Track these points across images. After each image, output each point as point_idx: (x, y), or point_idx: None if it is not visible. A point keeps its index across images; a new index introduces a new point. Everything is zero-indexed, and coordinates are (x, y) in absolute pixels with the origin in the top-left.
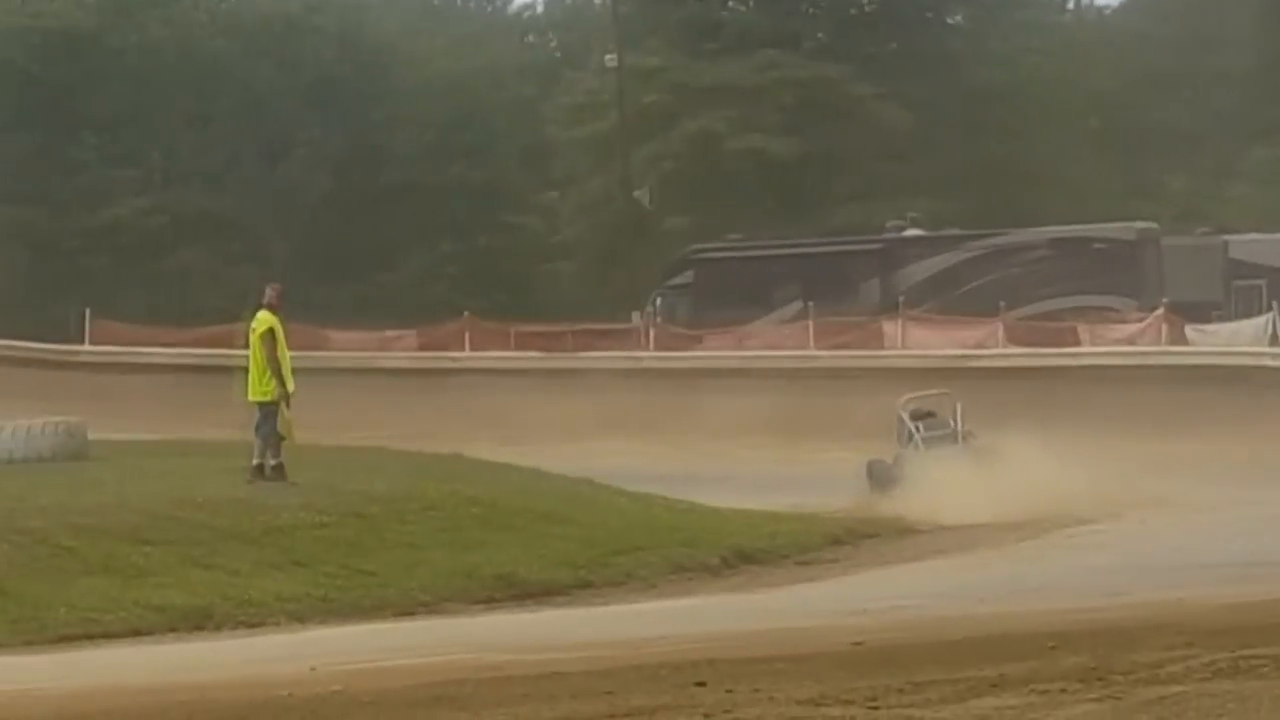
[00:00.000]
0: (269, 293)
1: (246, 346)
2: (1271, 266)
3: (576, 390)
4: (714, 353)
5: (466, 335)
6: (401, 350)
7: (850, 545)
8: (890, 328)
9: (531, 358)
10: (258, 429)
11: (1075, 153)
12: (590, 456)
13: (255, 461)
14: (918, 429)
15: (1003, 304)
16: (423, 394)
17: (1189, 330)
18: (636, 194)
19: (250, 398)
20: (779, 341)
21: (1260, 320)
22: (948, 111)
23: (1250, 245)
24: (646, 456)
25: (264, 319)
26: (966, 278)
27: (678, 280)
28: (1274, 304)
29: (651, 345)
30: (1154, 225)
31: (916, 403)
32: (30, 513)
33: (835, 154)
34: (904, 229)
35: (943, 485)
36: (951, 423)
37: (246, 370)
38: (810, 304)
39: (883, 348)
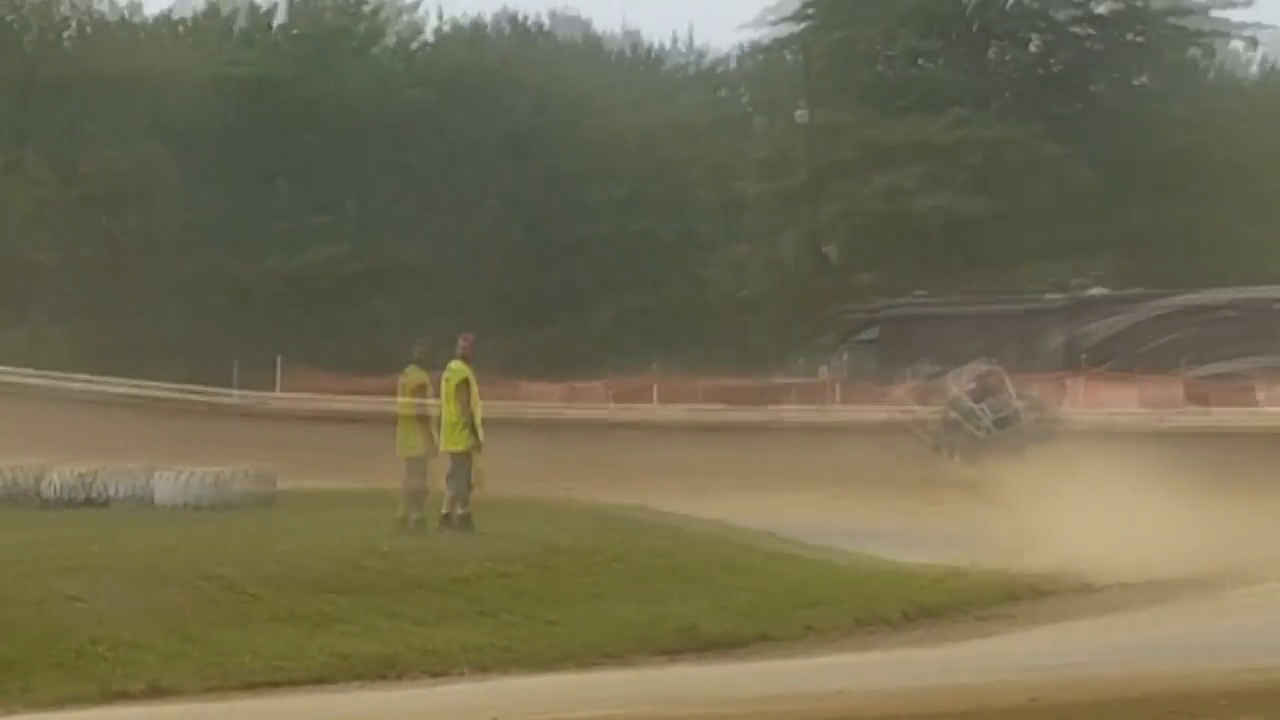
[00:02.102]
0: (461, 343)
1: (437, 395)
2: None
3: (762, 444)
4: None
5: (654, 387)
6: (590, 401)
7: (1029, 601)
8: (1072, 384)
9: (718, 410)
10: (449, 479)
11: (1256, 214)
12: (774, 510)
13: (444, 511)
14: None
15: (1183, 363)
16: (610, 446)
17: None
18: (824, 249)
19: (443, 448)
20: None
21: None
22: (1132, 171)
23: None
24: (830, 510)
25: (458, 369)
26: (1149, 336)
27: (864, 336)
28: None
29: (838, 399)
30: None
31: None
32: (218, 559)
33: (1021, 212)
34: (1088, 288)
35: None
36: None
37: (437, 420)
38: (994, 361)
39: (1063, 404)
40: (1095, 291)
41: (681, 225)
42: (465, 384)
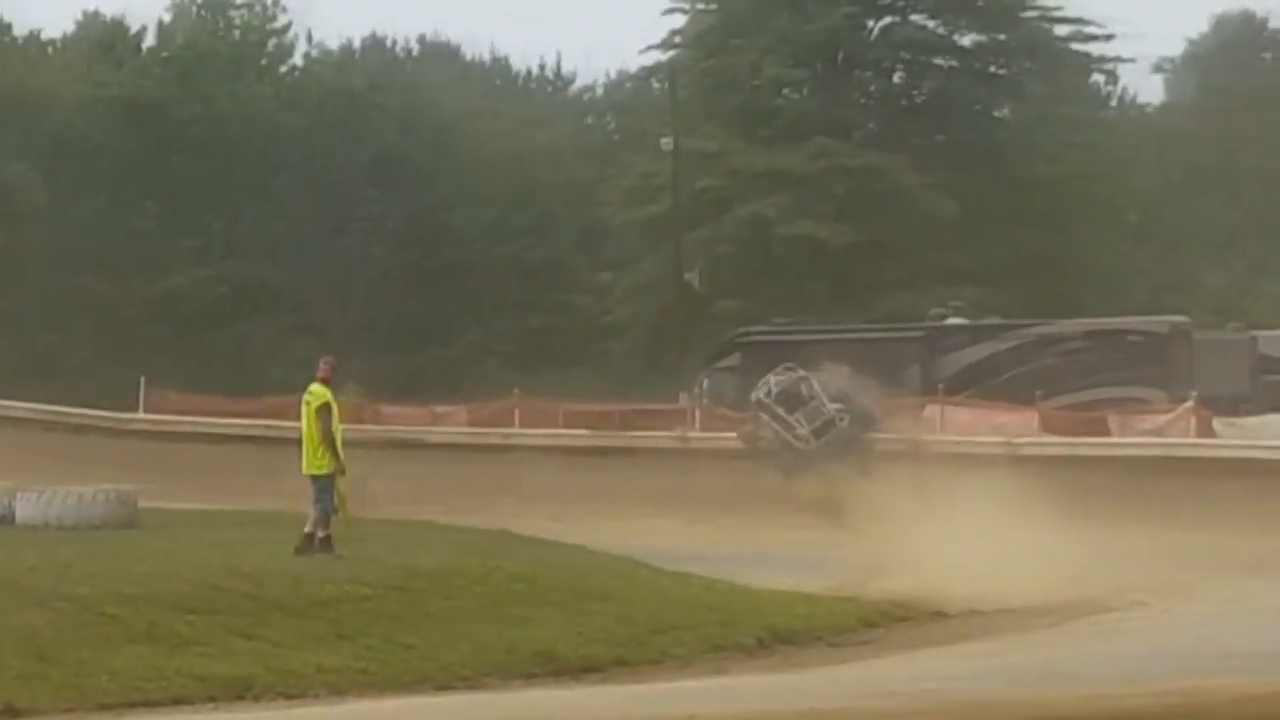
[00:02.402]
0: (323, 366)
1: (299, 418)
2: None
3: (623, 469)
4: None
5: (517, 412)
6: (452, 425)
7: (883, 628)
8: (930, 412)
9: (580, 435)
10: (316, 502)
11: (1114, 246)
12: (634, 535)
13: (306, 530)
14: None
15: (1038, 393)
16: (472, 470)
17: (1217, 423)
18: (687, 277)
19: (305, 471)
20: None
21: None
22: (992, 203)
23: (1279, 342)
24: (688, 536)
25: (319, 393)
26: (1006, 366)
27: (725, 362)
28: None
29: (698, 426)
30: (1186, 319)
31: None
32: (77, 580)
33: (883, 242)
34: (946, 317)
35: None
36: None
37: (300, 442)
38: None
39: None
40: (954, 321)
41: (547, 251)
42: (326, 407)
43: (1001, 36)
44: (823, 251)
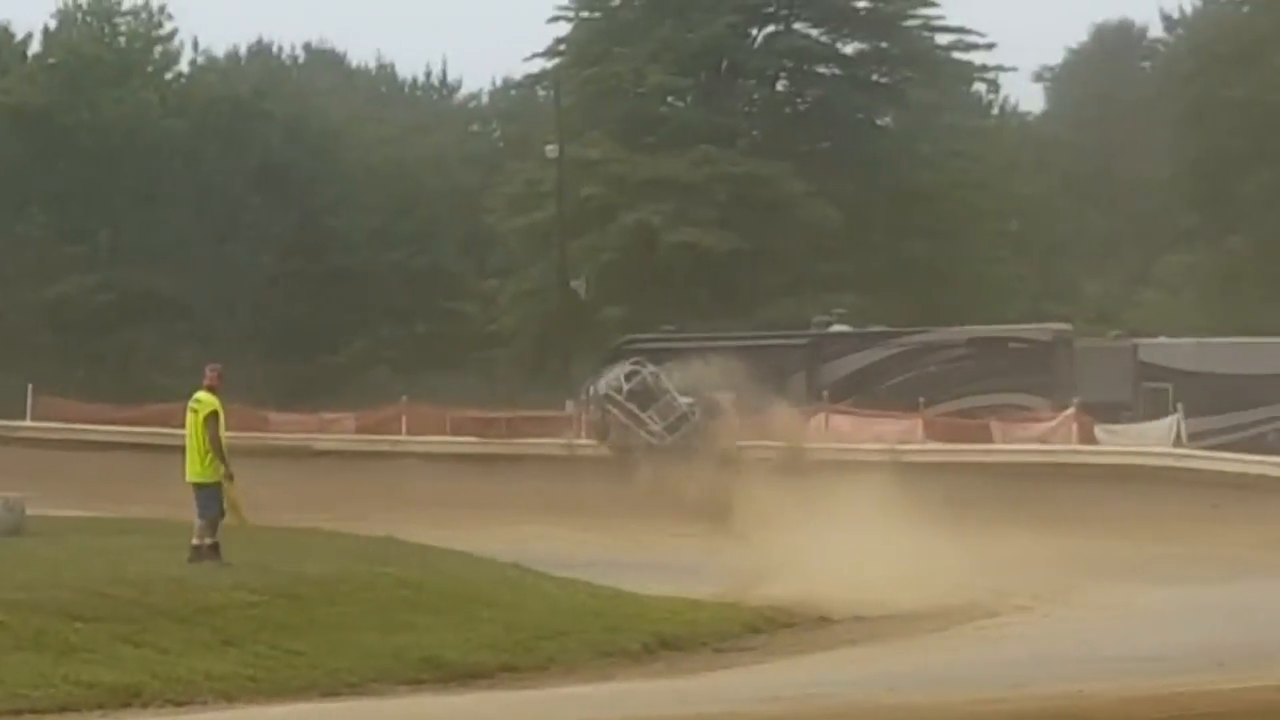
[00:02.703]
0: (209, 373)
1: (183, 426)
2: (1178, 370)
3: (510, 476)
4: None
5: (404, 419)
6: (340, 433)
7: (767, 634)
8: (815, 420)
9: (467, 443)
10: (203, 510)
11: (996, 254)
12: (521, 541)
13: (194, 542)
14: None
15: (922, 400)
16: (359, 476)
17: (1099, 430)
18: (573, 284)
19: (190, 478)
20: None
21: (1166, 422)
22: (875, 210)
23: (1159, 349)
24: (575, 543)
25: (207, 401)
26: (889, 373)
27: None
28: (1179, 406)
29: (584, 433)
30: (1068, 327)
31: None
32: None
33: (767, 249)
34: (830, 324)
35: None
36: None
37: (184, 450)
38: (739, 395)
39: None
40: (837, 328)
41: (432, 258)
42: (214, 415)
43: (884, 45)
44: (707, 259)
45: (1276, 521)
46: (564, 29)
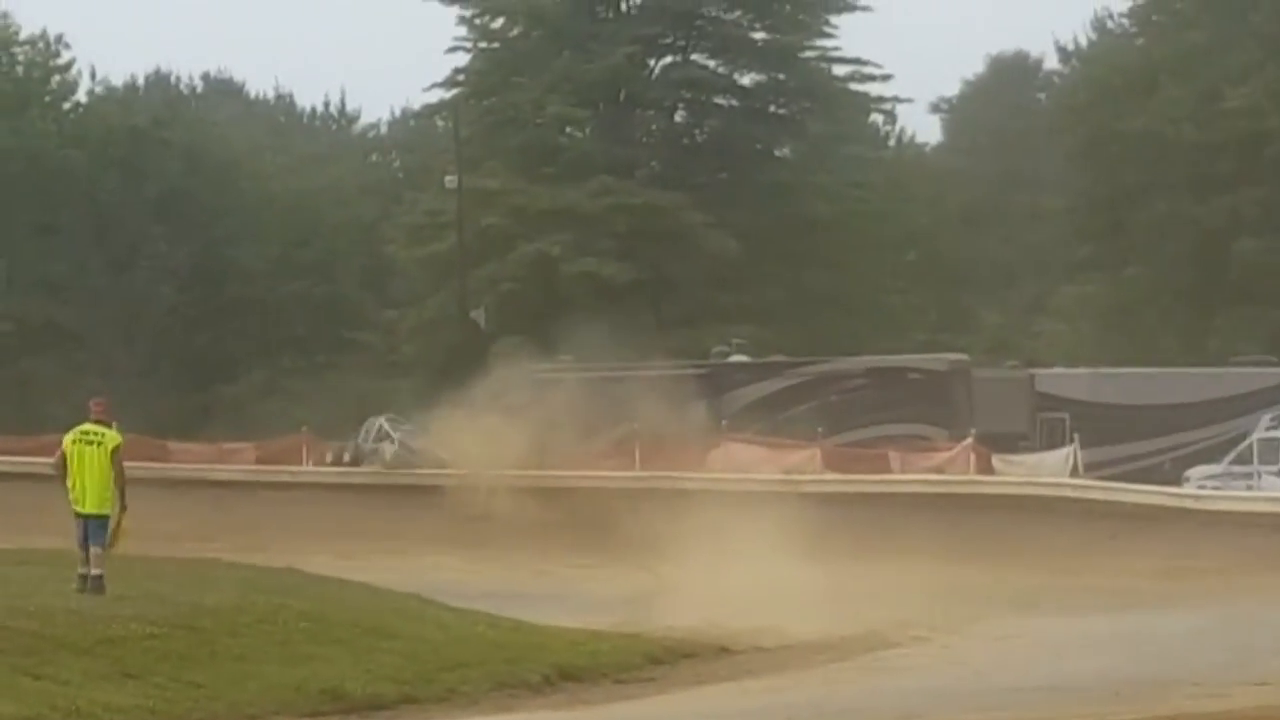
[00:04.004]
0: (94, 407)
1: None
2: (1075, 400)
3: (410, 506)
4: (551, 473)
5: (304, 449)
6: (239, 463)
7: (668, 664)
8: (715, 451)
9: (368, 473)
10: (98, 539)
11: (894, 284)
12: (421, 572)
13: (89, 571)
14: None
15: (820, 430)
16: (259, 507)
17: (996, 460)
18: (473, 314)
19: (92, 510)
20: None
21: (1063, 452)
22: (774, 241)
23: (1056, 379)
24: (476, 574)
25: (112, 436)
26: (788, 403)
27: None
28: (1076, 437)
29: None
30: (965, 357)
31: None
32: None
33: (666, 279)
34: (729, 354)
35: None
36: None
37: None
38: (637, 426)
39: (706, 469)
40: (737, 358)
41: (332, 288)
42: (118, 449)
43: (781, 76)
44: (606, 289)
45: (1172, 552)
46: (462, 59)
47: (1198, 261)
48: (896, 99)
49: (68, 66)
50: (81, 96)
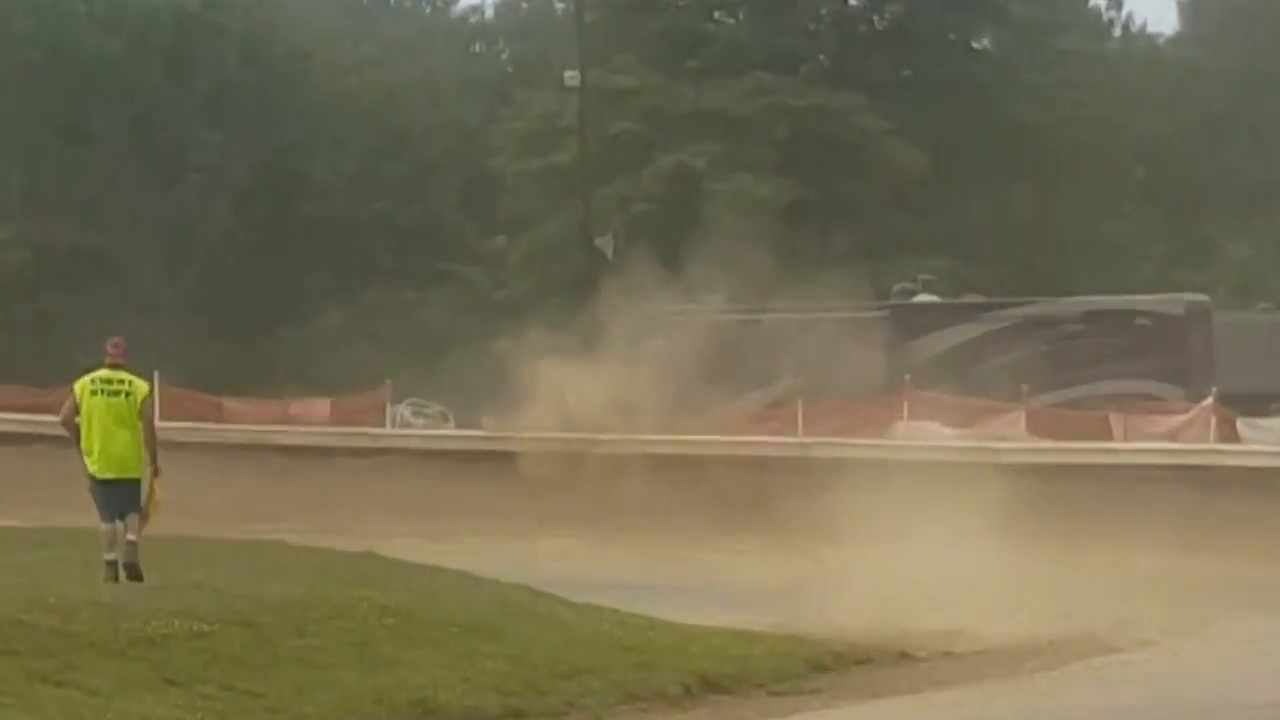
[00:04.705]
0: (111, 349)
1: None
2: None
3: (519, 478)
4: (691, 437)
5: (388, 408)
6: (310, 425)
7: (836, 672)
8: (895, 412)
9: (468, 437)
10: (130, 508)
11: (1118, 208)
12: (532, 558)
13: (127, 558)
14: None
15: (1026, 387)
16: (334, 478)
17: (1241, 425)
18: (597, 241)
19: (123, 474)
20: (750, 426)
21: None
22: (970, 153)
23: None
24: (598, 560)
25: (139, 385)
26: (986, 354)
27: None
28: None
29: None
30: (1205, 298)
31: None
32: None
33: (836, 200)
34: (914, 294)
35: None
36: None
37: (76, 442)
38: (801, 381)
39: (884, 435)
40: (922, 299)
41: (425, 209)
42: (147, 401)
43: None
44: (762, 211)
45: None
46: None
47: None
48: None
49: None
50: None
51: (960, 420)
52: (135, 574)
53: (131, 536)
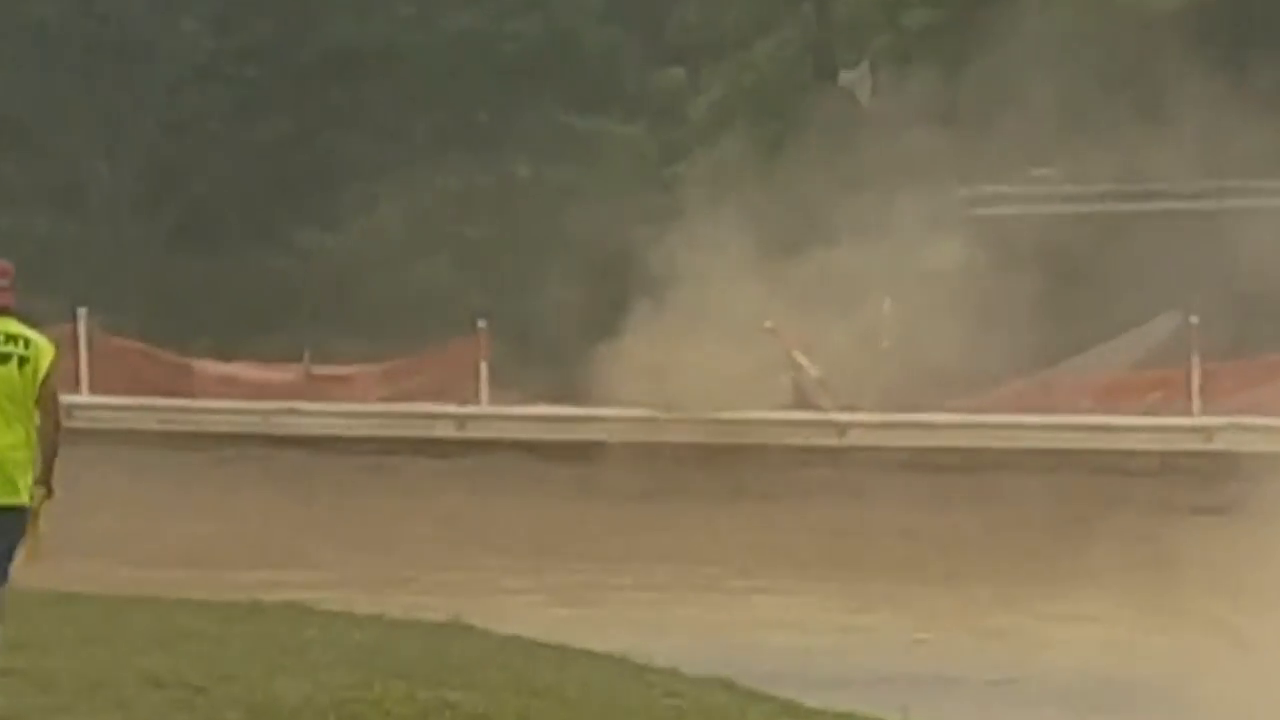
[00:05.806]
0: None
1: None
2: None
3: (711, 489)
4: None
5: (482, 367)
6: (349, 400)
7: None
8: None
9: (622, 420)
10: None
11: None
12: (735, 626)
13: None
14: None
15: None
16: (389, 491)
17: None
18: (843, 78)
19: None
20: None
21: None
22: None
23: None
24: (846, 630)
25: (43, 346)
26: None
27: None
28: None
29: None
30: None
31: None
32: None
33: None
34: None
35: None
36: None
37: None
38: (1195, 320)
39: None
40: None
41: (547, 22)
42: (51, 374)
43: None
44: (1138, 21)
45: None
46: None
47: None
48: None
49: None
50: None
51: None
52: None
53: None
